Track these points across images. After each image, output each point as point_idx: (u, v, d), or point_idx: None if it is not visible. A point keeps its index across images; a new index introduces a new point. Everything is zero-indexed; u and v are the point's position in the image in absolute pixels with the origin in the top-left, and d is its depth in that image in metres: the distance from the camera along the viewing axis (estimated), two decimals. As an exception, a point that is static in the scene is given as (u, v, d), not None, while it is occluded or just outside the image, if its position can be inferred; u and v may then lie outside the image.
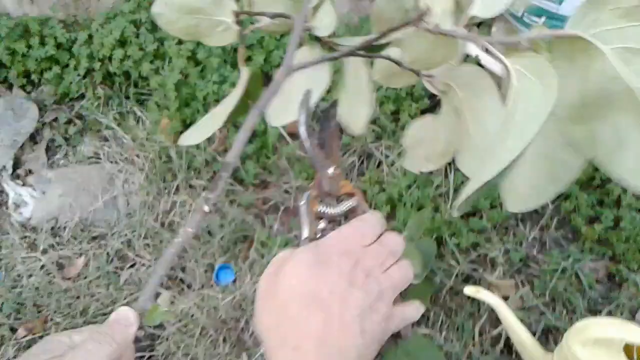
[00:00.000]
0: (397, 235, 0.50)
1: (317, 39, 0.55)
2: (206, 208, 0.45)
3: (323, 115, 0.58)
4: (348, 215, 0.52)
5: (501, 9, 0.37)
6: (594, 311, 1.27)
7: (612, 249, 1.34)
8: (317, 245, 0.47)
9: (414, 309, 0.52)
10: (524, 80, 0.36)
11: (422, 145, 0.54)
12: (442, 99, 0.51)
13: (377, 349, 0.47)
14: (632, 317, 1.25)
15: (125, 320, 0.44)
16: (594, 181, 1.45)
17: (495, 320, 1.26)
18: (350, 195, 0.53)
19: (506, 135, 0.34)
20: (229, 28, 0.55)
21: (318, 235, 0.50)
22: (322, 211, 0.51)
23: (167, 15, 0.55)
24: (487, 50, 0.43)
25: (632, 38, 0.33)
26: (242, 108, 0.57)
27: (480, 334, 1.24)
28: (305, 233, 0.49)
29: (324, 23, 0.52)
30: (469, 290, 1.09)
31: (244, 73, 0.55)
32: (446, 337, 1.23)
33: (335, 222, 0.52)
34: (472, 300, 1.28)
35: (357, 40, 0.54)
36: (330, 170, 0.51)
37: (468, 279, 1.33)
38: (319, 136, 0.55)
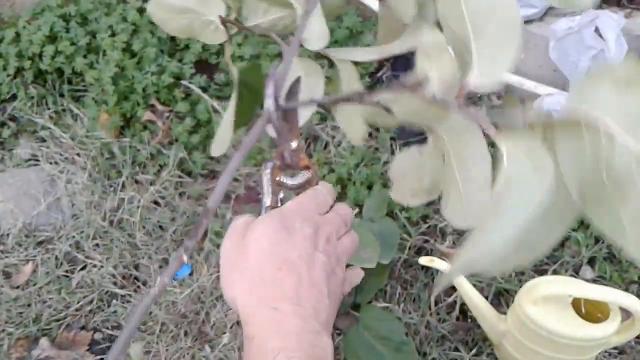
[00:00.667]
0: (347, 206, 0.54)
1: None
2: (185, 258, 0.46)
3: (288, 91, 0.59)
4: (304, 186, 0.55)
5: (501, 81, 0.37)
6: (540, 271, 1.33)
7: (553, 211, 1.40)
8: (280, 212, 0.49)
9: (358, 275, 0.55)
10: (516, 162, 0.35)
11: (407, 178, 0.57)
12: (429, 137, 0.52)
13: (336, 312, 0.49)
14: (576, 273, 1.32)
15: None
16: (532, 147, 1.50)
17: (448, 288, 1.30)
18: (306, 168, 0.55)
19: (496, 218, 0.34)
20: (218, 28, 0.56)
21: (278, 205, 0.53)
22: (282, 181, 0.54)
23: (160, 15, 0.55)
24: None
25: (634, 107, 0.33)
26: (248, 106, 0.58)
27: (436, 303, 1.28)
28: (268, 201, 0.52)
29: (315, 35, 0.52)
30: (424, 260, 1.13)
31: (234, 72, 0.55)
32: (404, 309, 1.27)
33: (293, 192, 0.55)
34: (426, 270, 1.32)
35: (354, 52, 0.55)
36: (294, 144, 0.53)
37: (420, 251, 1.36)
38: (282, 111, 0.57)
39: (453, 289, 1.27)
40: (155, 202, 1.41)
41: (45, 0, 1.63)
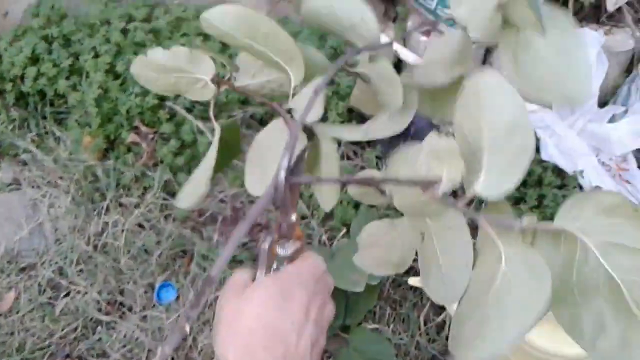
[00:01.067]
0: (330, 276, 0.56)
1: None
2: (187, 329, 0.46)
3: (293, 165, 0.61)
4: (294, 256, 0.57)
5: (508, 189, 0.41)
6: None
7: (539, 227, 1.41)
8: (280, 277, 0.50)
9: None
10: (514, 266, 0.39)
11: (376, 248, 0.58)
12: (406, 215, 0.54)
13: None
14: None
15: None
16: (517, 163, 1.51)
17: (438, 307, 1.30)
18: (298, 238, 0.57)
19: (498, 321, 0.37)
20: (207, 85, 0.56)
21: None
22: (278, 253, 0.55)
23: (145, 74, 0.56)
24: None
25: (613, 233, 0.37)
26: (223, 161, 0.59)
27: (425, 323, 1.28)
28: (262, 275, 0.53)
29: (314, 111, 0.52)
30: (413, 280, 1.12)
31: (217, 129, 0.56)
32: (394, 329, 1.26)
33: (284, 261, 0.56)
34: (415, 290, 1.32)
35: (341, 131, 0.56)
36: (293, 217, 0.55)
37: (409, 270, 1.36)
38: (290, 184, 0.59)
39: (442, 308, 1.27)
40: (140, 225, 1.40)
41: (27, 21, 1.61)
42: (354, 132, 0.56)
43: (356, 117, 1.60)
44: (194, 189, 0.56)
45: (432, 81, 0.54)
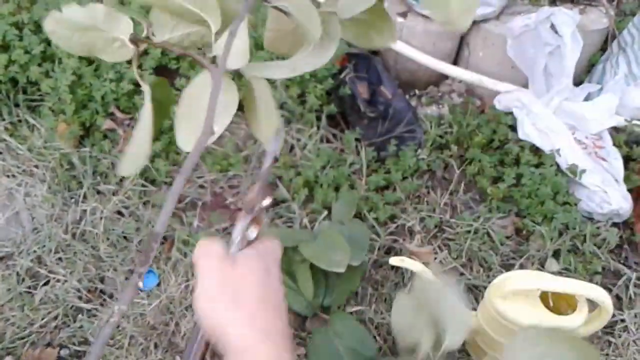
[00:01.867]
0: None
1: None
2: (140, 284, 0.48)
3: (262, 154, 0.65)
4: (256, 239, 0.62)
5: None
6: (507, 265, 1.35)
7: (517, 205, 1.43)
8: (259, 254, 0.60)
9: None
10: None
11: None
12: None
13: None
14: (541, 266, 1.35)
15: None
16: (493, 143, 1.53)
17: (419, 286, 1.31)
18: (258, 223, 0.62)
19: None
20: (124, 45, 0.55)
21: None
22: (249, 236, 0.61)
23: (60, 32, 0.54)
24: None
25: None
26: (160, 120, 0.59)
27: (407, 302, 1.28)
28: (237, 250, 0.60)
29: (237, 54, 0.52)
30: (394, 260, 1.13)
31: (146, 89, 0.55)
32: (376, 309, 1.27)
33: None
34: (396, 270, 1.33)
35: (269, 69, 0.57)
36: (265, 202, 0.60)
37: (390, 251, 1.37)
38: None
39: (423, 287, 1.28)
40: (119, 213, 1.38)
41: (-4, 8, 1.57)
42: (281, 69, 0.57)
43: (335, 99, 1.59)
44: (136, 153, 0.56)
45: (352, 12, 0.56)
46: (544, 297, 1.09)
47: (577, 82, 1.60)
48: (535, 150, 1.49)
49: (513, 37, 1.53)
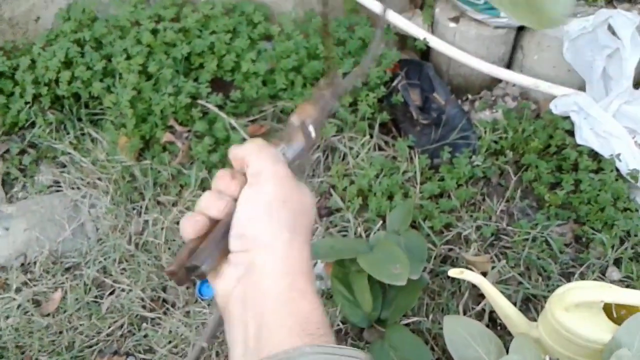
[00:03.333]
0: None
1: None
2: (204, 345, 0.50)
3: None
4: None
5: None
6: (567, 274, 1.33)
7: (576, 212, 1.40)
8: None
9: None
10: None
11: None
12: None
13: None
14: (602, 275, 1.32)
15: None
16: (550, 148, 1.50)
17: (476, 296, 1.30)
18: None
19: None
20: None
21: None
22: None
23: None
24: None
25: None
26: None
27: (464, 312, 1.28)
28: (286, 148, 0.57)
29: None
30: (454, 272, 1.13)
31: None
32: (433, 319, 1.27)
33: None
34: (453, 279, 1.32)
35: None
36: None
37: (446, 260, 1.37)
38: None
39: (481, 296, 1.28)
40: (179, 223, 1.42)
41: (58, 26, 1.64)
42: None
43: (387, 107, 1.60)
44: None
45: None
46: (608, 307, 1.07)
47: (637, 84, 1.55)
48: (594, 155, 1.46)
49: (570, 40, 1.50)
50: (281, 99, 1.58)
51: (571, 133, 1.51)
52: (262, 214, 0.51)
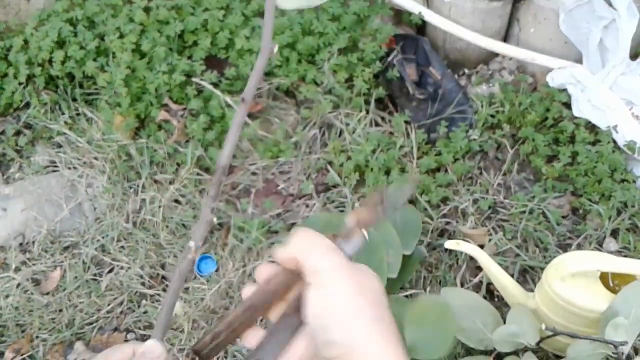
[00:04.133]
0: None
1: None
2: (215, 219, 0.49)
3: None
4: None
5: None
6: (564, 246, 1.33)
7: (573, 184, 1.41)
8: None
9: None
10: None
11: None
12: None
13: None
14: (599, 246, 1.32)
15: (150, 353, 0.51)
16: (547, 121, 1.50)
17: (473, 268, 1.31)
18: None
19: None
20: None
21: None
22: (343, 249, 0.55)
23: None
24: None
25: None
26: None
27: (462, 284, 1.29)
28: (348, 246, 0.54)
29: None
30: (450, 244, 1.13)
31: None
32: (431, 291, 1.27)
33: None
34: (450, 252, 1.32)
35: None
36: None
37: (443, 233, 1.37)
38: None
39: (478, 268, 1.28)
40: (176, 201, 1.42)
41: (50, 5, 1.63)
42: None
43: (383, 82, 1.59)
44: None
45: None
46: (604, 277, 1.08)
47: (634, 56, 1.54)
48: (591, 127, 1.46)
49: (566, 12, 1.48)
50: (276, 75, 1.57)
51: (568, 106, 1.50)
52: (342, 314, 0.47)
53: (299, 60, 1.57)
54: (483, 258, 1.13)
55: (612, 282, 1.09)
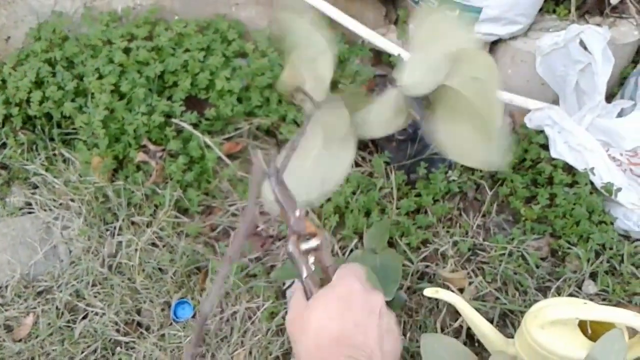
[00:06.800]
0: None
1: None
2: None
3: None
4: (319, 248, 0.61)
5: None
6: (543, 289, 1.33)
7: (552, 226, 1.41)
8: (333, 287, 0.58)
9: None
10: None
11: None
12: None
13: None
14: (579, 289, 1.32)
15: None
16: (525, 162, 1.51)
17: (454, 312, 1.30)
18: (313, 234, 0.61)
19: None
20: None
21: (312, 268, 0.60)
22: (305, 248, 0.60)
23: None
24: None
25: None
26: None
27: (442, 329, 1.28)
28: (305, 272, 0.59)
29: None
30: (429, 292, 1.12)
31: None
32: (410, 337, 1.26)
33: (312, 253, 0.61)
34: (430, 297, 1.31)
35: None
36: (297, 212, 0.60)
37: (423, 276, 1.36)
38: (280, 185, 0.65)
39: (458, 313, 1.27)
40: (154, 244, 1.40)
41: (29, 45, 1.62)
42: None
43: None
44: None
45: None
46: (583, 324, 1.07)
47: (609, 95, 1.57)
48: (569, 169, 1.47)
49: (542, 55, 1.51)
50: (257, 116, 1.57)
51: (546, 147, 1.52)
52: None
53: (279, 101, 1.57)
54: (462, 306, 1.12)
55: (590, 328, 1.09)
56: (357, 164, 1.55)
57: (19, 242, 1.42)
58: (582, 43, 1.48)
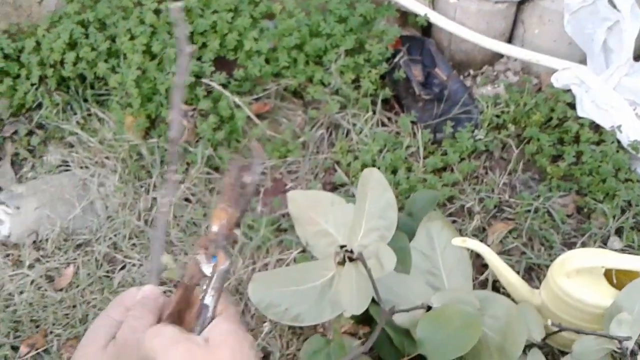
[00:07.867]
0: None
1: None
2: (177, 177, 0.53)
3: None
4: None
5: None
6: (569, 244, 1.35)
7: (578, 183, 1.42)
8: (231, 335, 0.56)
9: None
10: None
11: None
12: None
13: None
14: (604, 244, 1.34)
15: (150, 295, 0.58)
16: (552, 121, 1.52)
17: (480, 266, 1.33)
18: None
19: None
20: None
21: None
22: (205, 304, 0.59)
23: None
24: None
25: None
26: None
27: (468, 281, 1.30)
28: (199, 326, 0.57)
29: None
30: (457, 241, 1.15)
31: None
32: (437, 289, 1.29)
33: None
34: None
35: None
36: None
37: (449, 231, 1.39)
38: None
39: (485, 266, 1.30)
40: (187, 200, 1.45)
41: (61, 8, 1.65)
42: None
43: (389, 83, 1.61)
44: None
45: None
46: (608, 273, 1.10)
47: (637, 57, 1.56)
48: (595, 127, 1.48)
49: (570, 13, 1.51)
50: (284, 76, 1.59)
51: (572, 106, 1.52)
52: None
53: (306, 62, 1.59)
54: (489, 255, 1.15)
55: (616, 278, 1.11)
56: (383, 124, 1.57)
57: (57, 198, 1.48)
58: (610, 1, 1.47)
